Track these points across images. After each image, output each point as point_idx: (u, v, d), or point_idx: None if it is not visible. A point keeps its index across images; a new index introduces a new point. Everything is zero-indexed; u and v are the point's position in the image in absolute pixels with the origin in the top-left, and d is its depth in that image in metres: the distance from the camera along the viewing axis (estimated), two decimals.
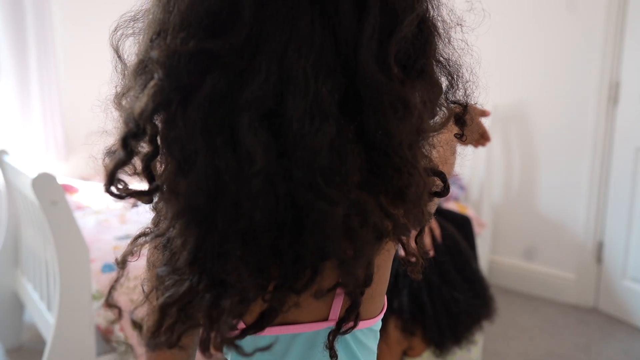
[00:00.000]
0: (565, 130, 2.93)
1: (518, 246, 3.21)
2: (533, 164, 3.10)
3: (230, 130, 0.48)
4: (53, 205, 1.42)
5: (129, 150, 0.52)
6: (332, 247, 0.50)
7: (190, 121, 0.48)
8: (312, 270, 0.52)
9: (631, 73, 2.64)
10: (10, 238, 2.22)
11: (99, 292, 1.61)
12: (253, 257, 0.50)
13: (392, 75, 0.51)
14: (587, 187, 2.87)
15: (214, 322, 0.52)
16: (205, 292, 0.52)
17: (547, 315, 2.80)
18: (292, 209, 0.49)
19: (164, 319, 0.54)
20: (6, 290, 2.24)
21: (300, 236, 0.50)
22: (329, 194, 0.48)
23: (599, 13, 2.72)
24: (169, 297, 0.54)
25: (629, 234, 2.70)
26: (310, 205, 0.49)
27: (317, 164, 0.48)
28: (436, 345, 1.55)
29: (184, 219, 0.51)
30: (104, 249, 1.86)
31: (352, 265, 0.52)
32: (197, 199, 0.49)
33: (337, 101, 0.49)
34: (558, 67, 2.92)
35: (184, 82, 0.49)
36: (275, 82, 0.48)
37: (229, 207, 0.49)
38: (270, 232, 0.49)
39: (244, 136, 0.47)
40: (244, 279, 0.50)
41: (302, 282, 0.53)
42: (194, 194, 0.49)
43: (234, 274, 0.50)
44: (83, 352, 1.51)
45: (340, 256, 0.51)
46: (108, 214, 2.49)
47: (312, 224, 0.49)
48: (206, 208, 0.49)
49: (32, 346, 2.32)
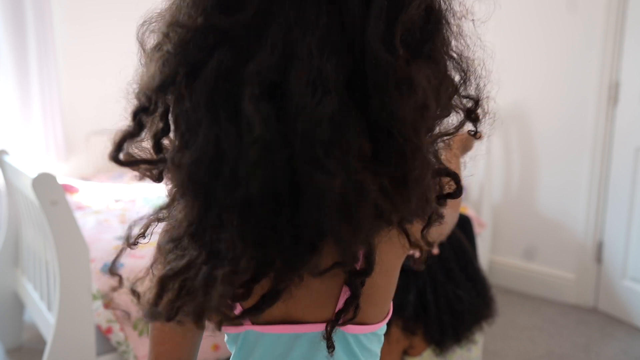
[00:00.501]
0: (565, 131, 2.94)
1: (518, 246, 3.21)
2: (533, 164, 3.11)
3: (234, 102, 0.49)
4: (53, 205, 1.43)
5: (139, 123, 0.54)
6: (328, 222, 0.50)
7: (197, 94, 0.49)
8: (310, 247, 0.53)
9: (631, 73, 2.64)
10: (11, 238, 2.22)
11: (99, 291, 1.61)
12: (250, 228, 0.51)
13: (397, 56, 0.51)
14: (586, 187, 2.87)
15: (207, 293, 0.53)
16: (203, 264, 0.53)
17: (547, 315, 2.80)
18: (290, 182, 0.49)
19: (163, 292, 0.55)
20: (6, 290, 2.24)
21: (298, 212, 0.50)
22: (327, 165, 0.48)
23: (599, 13, 2.72)
24: (169, 270, 0.55)
25: (628, 234, 2.70)
26: (308, 177, 0.49)
27: (317, 136, 0.48)
28: (437, 344, 1.55)
29: (185, 192, 0.52)
30: (104, 249, 1.86)
31: (349, 241, 0.52)
32: (198, 169, 0.50)
33: (343, 81, 0.50)
34: (558, 68, 2.93)
35: (191, 57, 0.50)
36: (280, 57, 0.49)
37: (228, 177, 0.49)
38: (268, 203, 0.50)
39: (245, 106, 0.48)
40: (238, 249, 0.51)
41: (301, 260, 0.53)
42: (195, 164, 0.50)
43: (228, 242, 0.51)
44: (83, 352, 1.51)
45: (336, 232, 0.51)
46: (108, 214, 2.49)
47: (310, 197, 0.49)
48: (206, 178, 0.50)
49: (32, 346, 2.32)
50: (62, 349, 1.49)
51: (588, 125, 2.83)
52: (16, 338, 2.33)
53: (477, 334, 1.61)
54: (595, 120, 2.79)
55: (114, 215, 2.48)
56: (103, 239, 2.00)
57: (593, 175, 2.84)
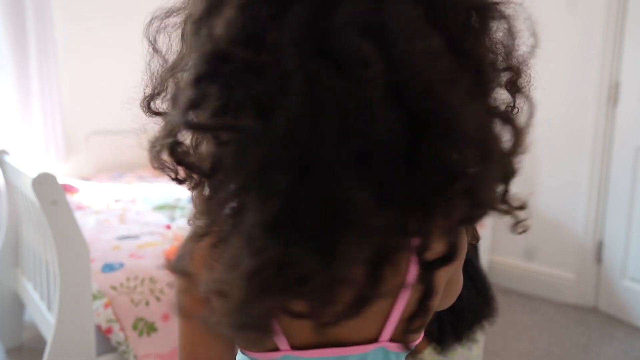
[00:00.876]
0: (565, 130, 2.94)
1: (518, 246, 3.22)
2: (532, 164, 3.10)
3: (330, 46, 0.42)
4: (53, 205, 1.43)
5: (202, 92, 0.45)
6: (462, 163, 0.46)
7: (284, 39, 0.42)
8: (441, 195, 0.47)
9: (631, 73, 2.64)
10: (11, 238, 2.22)
11: (99, 291, 1.62)
12: (371, 183, 0.43)
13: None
14: (586, 187, 2.88)
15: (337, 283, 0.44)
16: (312, 250, 0.44)
17: (547, 315, 2.81)
18: (408, 131, 0.43)
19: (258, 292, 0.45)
20: (7, 290, 2.24)
21: (418, 168, 0.45)
22: (453, 100, 0.43)
23: (599, 13, 2.72)
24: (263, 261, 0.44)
25: (628, 234, 2.71)
26: (435, 113, 0.43)
27: (434, 72, 0.43)
28: (437, 342, 1.56)
29: (273, 166, 0.42)
30: (104, 249, 1.87)
31: (491, 182, 0.49)
32: (296, 131, 0.42)
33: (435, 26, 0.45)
34: (558, 67, 2.92)
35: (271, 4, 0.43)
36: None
37: (336, 130, 0.42)
38: (389, 152, 0.43)
39: (347, 42, 0.41)
40: (370, 209, 0.43)
41: (432, 213, 0.47)
42: (292, 124, 0.42)
43: (357, 199, 0.42)
44: (83, 352, 1.52)
45: (483, 169, 0.46)
46: (108, 214, 2.50)
47: (440, 133, 0.44)
48: (307, 141, 0.42)
49: (33, 346, 2.32)
50: (62, 349, 1.50)
51: (588, 125, 2.83)
52: (16, 338, 2.33)
53: (478, 333, 1.62)
54: (595, 120, 2.79)
55: (114, 215, 2.49)
56: (103, 239, 2.01)
57: (593, 175, 2.84)
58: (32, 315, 1.98)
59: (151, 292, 1.65)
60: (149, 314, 1.61)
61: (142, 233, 2.15)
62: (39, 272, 1.86)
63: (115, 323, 1.58)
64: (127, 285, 1.64)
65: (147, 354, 1.58)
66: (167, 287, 1.67)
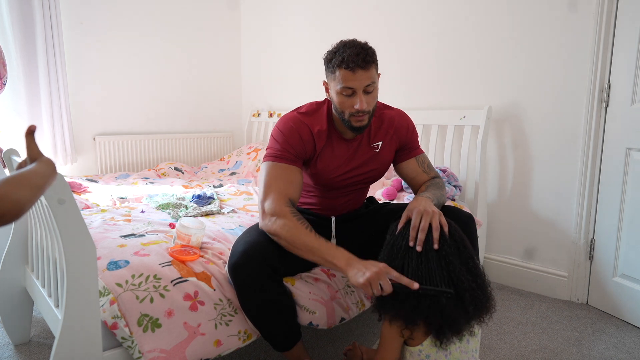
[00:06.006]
0: (557, 131, 2.96)
1: (512, 244, 3.25)
2: (526, 164, 3.13)
3: None
4: (60, 203, 1.39)
5: None
6: None
7: None
8: None
9: (621, 76, 2.66)
10: (20, 236, 2.24)
11: (105, 288, 1.60)
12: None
13: None
14: (578, 187, 2.90)
15: None
16: None
17: (540, 311, 2.84)
18: None
19: None
20: (16, 286, 2.26)
21: None
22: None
23: (590, 17, 2.75)
24: None
25: (619, 233, 2.73)
26: None
27: None
28: (436, 335, 1.55)
29: None
30: (110, 247, 1.87)
31: None
32: None
33: None
34: (551, 70, 2.95)
35: None
36: None
37: None
38: None
39: None
40: None
41: None
42: None
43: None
44: (90, 347, 1.51)
45: None
46: (114, 213, 2.52)
47: None
48: None
49: (41, 341, 2.35)
50: (69, 344, 1.49)
51: (580, 126, 2.86)
52: (25, 333, 2.34)
53: (476, 327, 1.62)
54: (587, 122, 2.81)
55: (119, 214, 2.51)
56: (109, 237, 2.02)
57: (585, 175, 2.86)
58: (41, 310, 1.97)
59: (155, 288, 1.65)
60: (153, 310, 1.60)
61: (146, 231, 2.16)
62: (47, 269, 1.87)
63: (121, 319, 1.56)
64: (132, 282, 1.64)
65: (151, 349, 1.57)
66: (170, 284, 1.67)
